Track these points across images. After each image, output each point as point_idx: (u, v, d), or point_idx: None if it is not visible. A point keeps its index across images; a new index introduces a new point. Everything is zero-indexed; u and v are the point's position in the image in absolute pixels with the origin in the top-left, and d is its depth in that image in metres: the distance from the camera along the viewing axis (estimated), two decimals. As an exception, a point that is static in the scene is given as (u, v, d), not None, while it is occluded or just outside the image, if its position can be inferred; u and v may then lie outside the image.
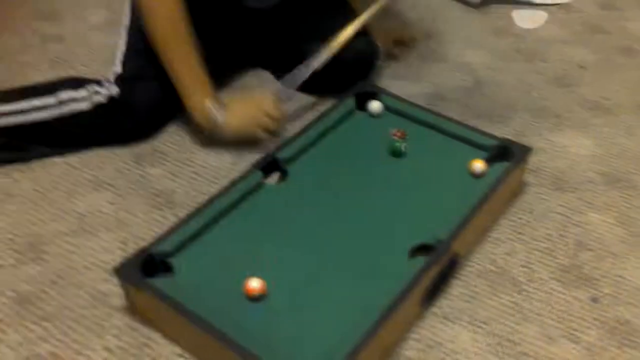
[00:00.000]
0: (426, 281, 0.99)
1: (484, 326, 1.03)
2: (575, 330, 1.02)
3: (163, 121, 1.40)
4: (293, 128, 1.35)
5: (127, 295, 1.03)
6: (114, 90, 1.32)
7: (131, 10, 1.36)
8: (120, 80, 1.33)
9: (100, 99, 1.31)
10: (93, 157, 1.33)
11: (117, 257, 1.12)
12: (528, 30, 1.78)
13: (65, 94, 1.31)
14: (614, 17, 1.84)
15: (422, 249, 1.04)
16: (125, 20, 1.37)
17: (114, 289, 1.07)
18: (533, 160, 1.30)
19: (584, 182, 1.29)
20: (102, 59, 1.56)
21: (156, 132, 1.38)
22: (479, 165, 1.18)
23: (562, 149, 1.37)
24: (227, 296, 0.98)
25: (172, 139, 1.38)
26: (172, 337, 1.00)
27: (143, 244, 1.06)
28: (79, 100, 1.31)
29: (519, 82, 1.57)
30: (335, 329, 0.92)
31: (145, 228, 1.18)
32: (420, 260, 1.00)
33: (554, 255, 1.14)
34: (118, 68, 1.35)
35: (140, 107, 1.33)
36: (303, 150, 1.23)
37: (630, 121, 1.46)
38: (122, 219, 1.20)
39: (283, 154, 1.20)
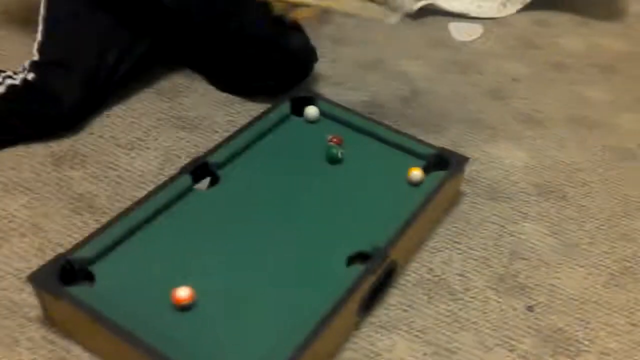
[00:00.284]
0: (363, 290, 0.96)
1: (421, 335, 1.01)
2: (511, 338, 1.02)
3: (83, 112, 1.32)
4: (225, 132, 1.31)
5: (43, 305, 0.96)
6: (30, 75, 1.26)
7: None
8: (36, 65, 1.27)
9: (14, 82, 1.25)
10: (6, 158, 1.24)
11: (32, 264, 1.04)
12: (464, 42, 1.81)
13: None
14: (546, 33, 1.90)
15: (360, 257, 1.01)
16: (43, 10, 1.31)
17: (28, 299, 0.99)
18: (469, 171, 1.30)
19: (517, 193, 1.30)
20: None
21: (75, 124, 1.31)
22: (417, 173, 1.17)
23: (497, 160, 1.38)
24: (153, 305, 0.92)
25: (95, 140, 1.30)
26: (93, 350, 0.93)
27: (61, 250, 0.99)
28: None
29: (454, 94, 1.58)
30: (268, 339, 0.88)
31: (64, 234, 1.10)
32: (358, 268, 0.97)
33: (489, 264, 1.14)
34: (35, 57, 1.28)
35: (57, 93, 1.26)
36: (235, 154, 1.18)
37: (561, 134, 1.49)
38: (39, 224, 1.12)
39: (214, 159, 1.15)
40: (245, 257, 1.01)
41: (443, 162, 1.19)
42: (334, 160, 1.20)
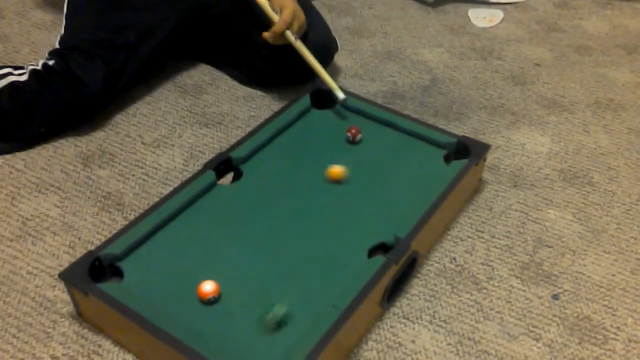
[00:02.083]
0: (386, 280, 0.97)
1: (444, 325, 1.01)
2: (536, 327, 1.02)
3: (107, 95, 1.33)
4: (247, 127, 1.32)
5: (75, 302, 0.99)
6: (51, 61, 1.30)
7: None
8: (55, 52, 1.32)
9: (36, 67, 1.30)
10: (37, 159, 1.27)
11: (63, 262, 1.07)
12: (484, 28, 1.79)
13: (2, 70, 1.29)
14: (569, 15, 1.87)
15: (382, 248, 1.02)
16: (64, 6, 1.36)
17: (60, 295, 1.03)
18: (491, 158, 1.29)
19: (541, 179, 1.29)
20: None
21: (101, 107, 1.34)
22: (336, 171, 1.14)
23: (520, 146, 1.37)
24: (179, 300, 0.94)
25: (121, 139, 1.33)
26: (123, 344, 0.96)
27: (91, 247, 1.02)
28: (16, 75, 1.28)
29: (475, 81, 1.57)
30: (293, 331, 0.89)
31: (93, 231, 1.13)
32: (380, 259, 0.98)
33: (514, 252, 1.14)
34: (55, 46, 1.34)
35: (79, 75, 1.28)
36: (257, 149, 1.20)
37: (586, 118, 1.47)
38: (69, 222, 1.15)
39: (237, 154, 1.17)
40: (269, 251, 1.02)
41: (464, 151, 1.19)
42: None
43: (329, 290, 0.95)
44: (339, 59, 1.52)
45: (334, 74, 1.53)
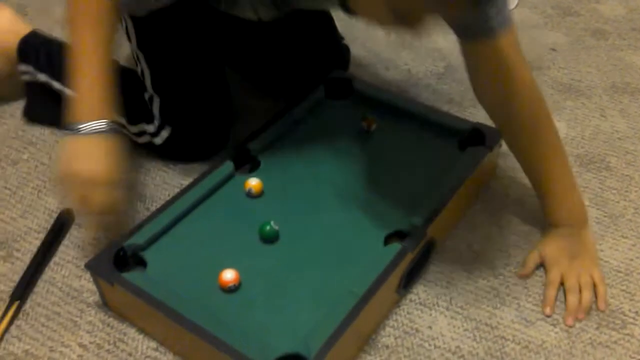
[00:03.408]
0: (402, 267, 0.98)
1: (461, 311, 1.02)
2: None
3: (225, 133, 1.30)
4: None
5: (100, 291, 1.02)
6: (165, 133, 1.25)
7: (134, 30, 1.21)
8: (161, 125, 1.24)
9: (153, 140, 1.26)
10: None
11: (88, 253, 1.10)
12: (500, 14, 1.78)
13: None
14: (584, -1, 1.85)
15: (398, 236, 1.04)
16: (147, 76, 1.23)
17: (86, 285, 1.06)
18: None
19: (557, 165, 1.29)
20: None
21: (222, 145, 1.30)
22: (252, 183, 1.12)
23: (536, 132, 1.37)
24: (201, 288, 0.97)
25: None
26: (148, 332, 0.99)
27: (115, 239, 1.04)
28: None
29: (491, 67, 1.57)
30: (311, 318, 0.91)
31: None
32: (396, 246, 0.99)
33: (530, 238, 1.14)
34: (157, 118, 1.24)
35: (197, 139, 1.26)
36: (274, 140, 1.22)
37: (603, 103, 1.46)
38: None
39: (254, 145, 1.19)
40: (286, 239, 1.05)
41: (479, 137, 1.19)
42: (269, 237, 1.05)
43: (346, 278, 0.96)
44: (353, 47, 1.52)
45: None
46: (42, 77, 1.31)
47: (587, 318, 1.02)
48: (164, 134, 1.24)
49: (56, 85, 1.29)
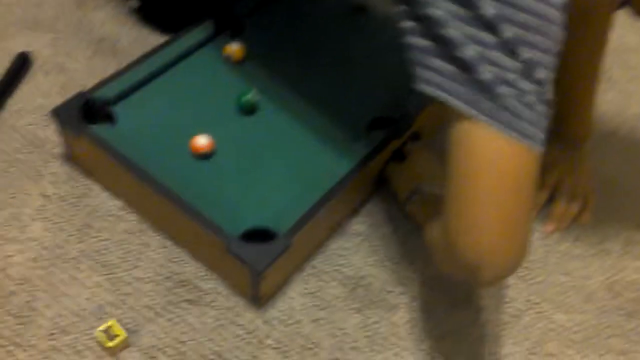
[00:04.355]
0: (385, 155, 0.95)
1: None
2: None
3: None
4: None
5: (67, 142, 0.97)
6: None
7: None
8: None
9: None
10: (30, -4, 1.21)
11: (55, 101, 1.04)
12: None
13: None
14: None
15: (383, 121, 0.98)
16: None
17: (52, 137, 1.01)
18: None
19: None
20: None
21: None
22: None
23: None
24: (172, 151, 0.93)
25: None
26: (113, 190, 0.96)
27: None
28: None
29: None
30: (285, 195, 0.88)
31: (87, 74, 1.10)
32: (380, 133, 0.95)
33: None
34: None
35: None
36: (261, 4, 1.14)
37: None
38: (62, 63, 1.12)
39: (240, 9, 1.11)
40: (266, 111, 1.00)
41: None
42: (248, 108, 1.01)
43: (325, 159, 0.93)
44: None
45: None
46: None
47: (566, 230, 0.99)
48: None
49: None
